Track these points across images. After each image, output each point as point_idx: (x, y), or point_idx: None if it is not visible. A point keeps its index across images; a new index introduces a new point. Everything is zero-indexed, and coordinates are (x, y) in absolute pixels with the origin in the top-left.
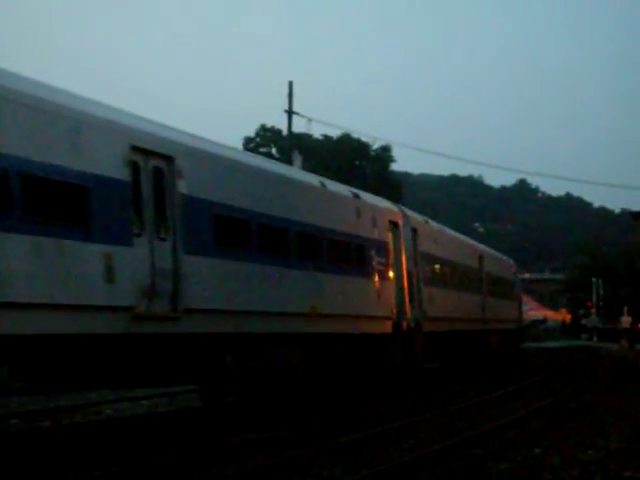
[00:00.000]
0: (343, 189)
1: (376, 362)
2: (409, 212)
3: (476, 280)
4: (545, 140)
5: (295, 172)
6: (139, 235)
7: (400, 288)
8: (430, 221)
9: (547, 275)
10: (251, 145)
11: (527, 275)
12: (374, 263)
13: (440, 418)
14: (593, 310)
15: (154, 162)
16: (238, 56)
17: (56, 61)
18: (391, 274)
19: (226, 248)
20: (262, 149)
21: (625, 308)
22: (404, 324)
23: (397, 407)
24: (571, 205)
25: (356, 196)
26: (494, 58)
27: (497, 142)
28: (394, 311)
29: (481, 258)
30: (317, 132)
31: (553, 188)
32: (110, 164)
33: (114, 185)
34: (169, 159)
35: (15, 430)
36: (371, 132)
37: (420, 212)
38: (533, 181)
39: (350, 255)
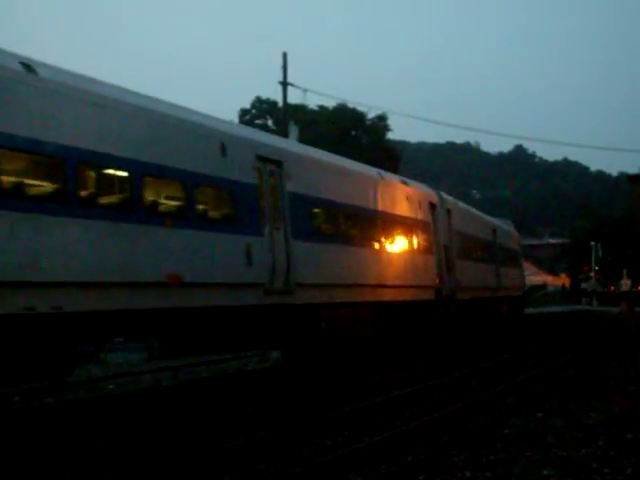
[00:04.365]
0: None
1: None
2: (445, 195)
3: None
4: (541, 105)
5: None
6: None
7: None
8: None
9: (546, 240)
10: (247, 117)
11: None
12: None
13: (441, 386)
14: (592, 274)
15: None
16: (232, 27)
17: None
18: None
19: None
20: (258, 121)
21: (624, 271)
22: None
23: (401, 376)
24: (568, 170)
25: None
26: (489, 24)
27: (493, 108)
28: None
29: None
30: (313, 103)
31: (550, 153)
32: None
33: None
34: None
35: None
36: (367, 101)
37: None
38: (530, 146)
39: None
